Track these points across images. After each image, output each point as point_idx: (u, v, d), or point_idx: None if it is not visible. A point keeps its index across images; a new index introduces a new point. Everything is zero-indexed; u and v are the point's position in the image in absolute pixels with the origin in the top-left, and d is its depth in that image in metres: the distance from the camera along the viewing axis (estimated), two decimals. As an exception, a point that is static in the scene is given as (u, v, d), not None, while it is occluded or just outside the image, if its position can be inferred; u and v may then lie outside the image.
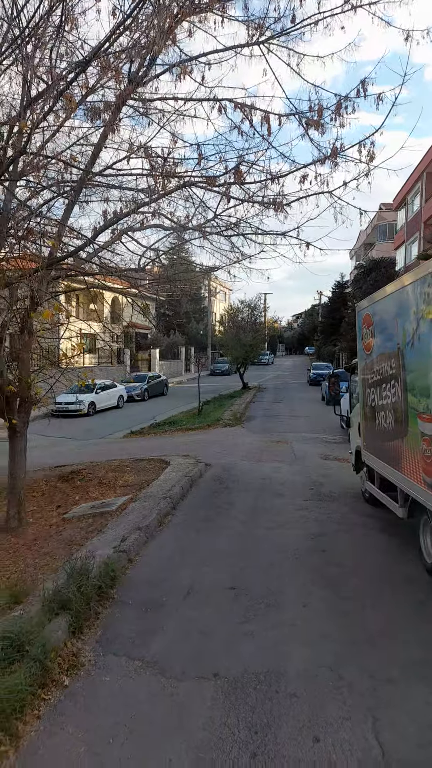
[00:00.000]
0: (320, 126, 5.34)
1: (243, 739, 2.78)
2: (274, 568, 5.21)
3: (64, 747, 2.77)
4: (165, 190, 5.51)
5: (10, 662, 3.11)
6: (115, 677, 3.38)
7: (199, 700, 3.14)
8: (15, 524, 7.27)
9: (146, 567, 5.23)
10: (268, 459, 11.09)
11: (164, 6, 4.49)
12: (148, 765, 2.64)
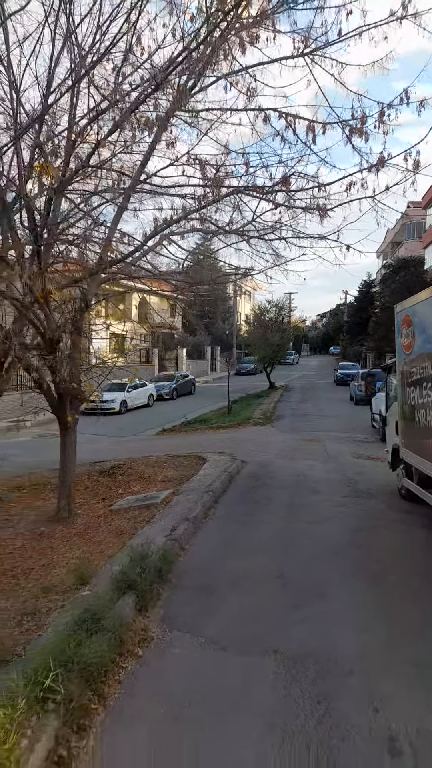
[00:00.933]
0: (363, 134, 5.55)
1: (307, 707, 3.04)
2: (317, 560, 5.44)
3: (146, 708, 3.07)
4: (215, 198, 5.79)
5: (91, 633, 3.43)
6: (183, 651, 3.68)
7: (262, 672, 3.41)
8: (65, 515, 7.66)
9: (196, 555, 5.53)
10: (302, 457, 11.29)
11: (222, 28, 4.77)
12: (225, 728, 2.91)
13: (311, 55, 5.97)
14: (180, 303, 8.66)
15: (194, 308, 9.28)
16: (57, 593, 4.74)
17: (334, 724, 2.89)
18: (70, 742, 2.73)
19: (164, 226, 6.20)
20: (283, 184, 5.50)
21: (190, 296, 8.71)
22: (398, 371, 7.46)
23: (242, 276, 8.48)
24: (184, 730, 2.90)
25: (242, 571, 5.12)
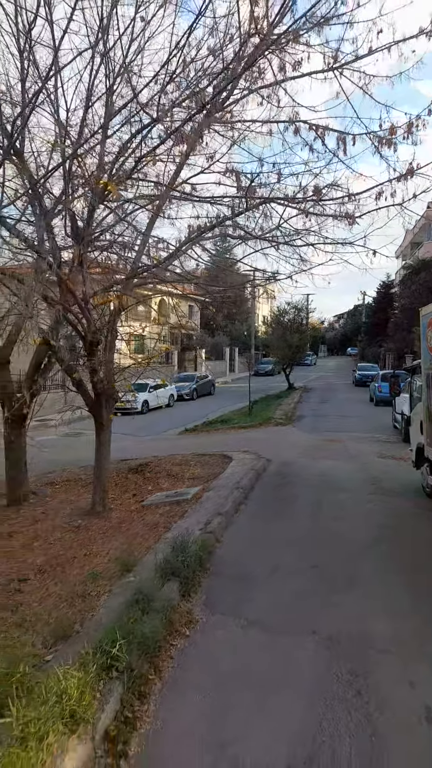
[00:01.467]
0: (392, 144, 5.78)
1: (346, 680, 3.30)
2: (348, 553, 5.68)
3: (198, 680, 3.36)
4: (249, 206, 6.07)
5: (144, 613, 3.73)
6: (227, 632, 3.96)
7: (303, 651, 3.67)
8: (100, 509, 8.00)
9: (231, 547, 5.81)
10: (325, 456, 11.50)
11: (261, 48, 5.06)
12: (271, 697, 3.19)
13: (340, 69, 6.22)
14: (209, 306, 8.92)
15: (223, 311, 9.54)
16: (103, 579, 5.06)
17: (371, 695, 3.15)
18: (134, 706, 3.04)
19: (199, 233, 6.50)
20: (314, 194, 5.76)
21: (218, 299, 8.99)
22: (423, 372, 7.65)
23: (271, 280, 8.71)
24: (235, 699, 3.18)
25: (276, 561, 5.39)
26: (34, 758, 2.32)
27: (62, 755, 2.45)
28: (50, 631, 3.93)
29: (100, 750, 2.69)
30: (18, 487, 9.29)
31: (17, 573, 6.06)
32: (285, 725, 2.93)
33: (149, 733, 2.89)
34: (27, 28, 5.56)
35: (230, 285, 8.67)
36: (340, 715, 2.98)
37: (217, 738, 2.83)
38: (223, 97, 6.39)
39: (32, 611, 4.63)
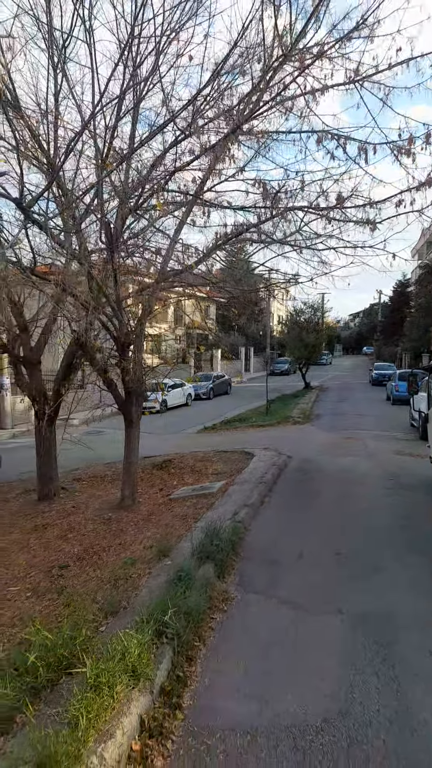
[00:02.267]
0: (411, 154, 6.08)
1: (373, 649, 3.64)
2: (369, 541, 6.00)
3: (238, 648, 3.73)
4: (274, 214, 6.41)
5: (186, 589, 4.10)
6: (260, 609, 4.32)
7: (331, 626, 4.02)
8: (129, 503, 8.41)
9: (259, 536, 6.16)
10: (344, 453, 11.78)
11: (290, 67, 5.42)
12: (305, 663, 3.54)
13: (361, 82, 6.53)
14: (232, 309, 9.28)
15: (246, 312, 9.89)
16: (141, 564, 5.45)
17: (396, 662, 3.49)
18: (183, 667, 3.42)
19: (225, 240, 6.86)
20: (338, 202, 6.08)
21: (241, 300, 9.34)
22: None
23: (291, 282, 9.04)
24: (272, 664, 3.54)
25: (302, 548, 5.73)
26: (106, 702, 2.70)
27: (128, 703, 2.83)
28: (99, 608, 4.33)
29: (158, 702, 3.07)
30: (49, 482, 9.76)
31: (57, 561, 6.50)
32: (319, 685, 3.28)
33: (199, 689, 3.26)
34: (62, 46, 6.02)
35: (254, 288, 9.00)
36: (368, 677, 3.32)
37: (259, 694, 3.19)
38: (250, 109, 6.76)
39: (77, 593, 5.02)
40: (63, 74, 6.42)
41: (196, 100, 5.55)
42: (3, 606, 5.18)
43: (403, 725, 2.89)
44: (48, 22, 6.01)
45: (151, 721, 2.91)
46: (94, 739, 2.50)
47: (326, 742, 2.79)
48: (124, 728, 2.68)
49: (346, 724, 2.91)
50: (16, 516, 8.96)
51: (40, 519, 8.59)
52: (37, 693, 2.99)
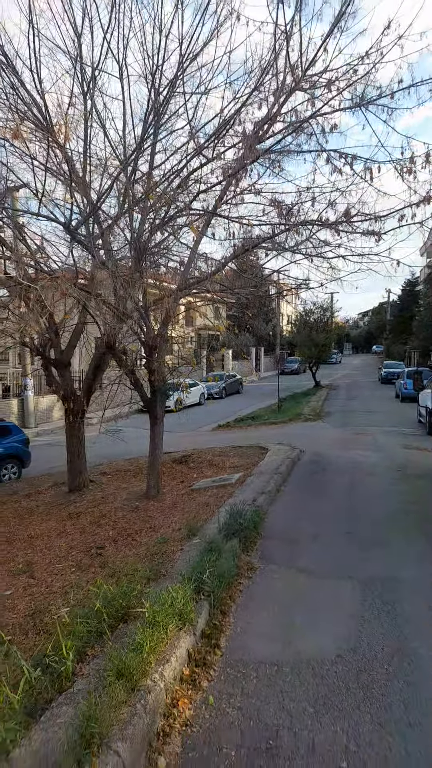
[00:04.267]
0: (412, 172, 6.69)
1: (379, 606, 4.28)
2: (377, 522, 6.63)
3: (263, 605, 4.39)
4: (287, 228, 7.06)
5: (217, 557, 4.77)
6: (281, 576, 4.98)
7: (343, 589, 4.66)
8: (154, 493, 9.09)
9: (276, 519, 6.81)
10: (354, 448, 12.38)
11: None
12: (321, 615, 4.19)
13: (366, 105, 7.16)
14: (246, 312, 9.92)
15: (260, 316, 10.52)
16: (173, 542, 6.13)
17: (398, 614, 4.13)
18: (218, 618, 4.09)
19: (243, 251, 7.51)
20: (345, 216, 6.71)
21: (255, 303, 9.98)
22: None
23: (302, 287, 9.67)
24: (293, 617, 4.19)
25: (316, 529, 6.37)
26: (162, 636, 3.38)
27: (178, 639, 3.51)
28: (141, 576, 5.00)
29: (200, 642, 3.74)
30: (78, 475, 10.48)
31: (94, 543, 7.21)
32: (333, 631, 3.93)
33: (232, 634, 3.93)
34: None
35: (267, 293, 9.64)
36: (374, 626, 3.97)
37: (282, 638, 3.85)
38: (263, 130, 7.42)
39: (118, 566, 5.71)
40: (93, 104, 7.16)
41: (219, 133, 6.22)
42: (54, 578, 5.91)
43: (402, 658, 3.54)
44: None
45: (196, 654, 3.58)
46: (155, 661, 3.18)
47: (340, 670, 3.44)
48: (177, 657, 3.35)
49: (356, 658, 3.56)
50: (50, 506, 9.70)
51: (73, 508, 9.31)
52: (100, 635, 3.67)
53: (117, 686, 2.84)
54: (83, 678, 3.12)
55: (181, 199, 6.69)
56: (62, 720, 2.69)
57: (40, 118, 6.40)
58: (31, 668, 3.07)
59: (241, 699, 3.18)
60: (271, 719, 2.99)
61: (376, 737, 2.81)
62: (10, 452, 12.48)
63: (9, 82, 6.80)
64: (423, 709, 3.02)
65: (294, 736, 2.84)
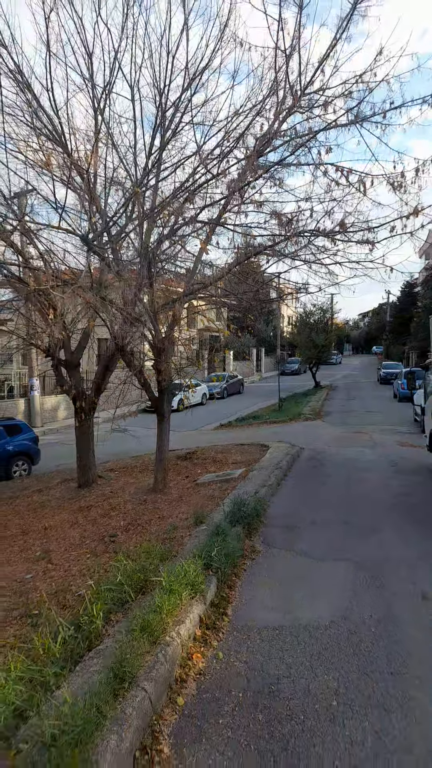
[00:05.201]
0: (402, 187, 7.19)
1: (368, 581, 4.77)
2: (371, 512, 7.12)
3: (265, 582, 4.88)
4: (287, 236, 7.56)
5: (224, 539, 5.26)
6: (281, 558, 5.47)
7: (337, 568, 5.16)
8: (161, 487, 9.58)
9: (277, 509, 7.30)
10: (352, 445, 12.88)
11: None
12: (319, 590, 4.68)
13: (360, 123, 7.65)
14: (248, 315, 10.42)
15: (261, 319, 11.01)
16: (182, 529, 6.63)
17: (386, 588, 4.62)
18: (225, 591, 4.58)
19: (245, 257, 8.01)
20: (341, 227, 7.21)
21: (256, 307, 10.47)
22: (434, 369, 9.01)
23: (302, 291, 10.15)
24: (292, 591, 4.69)
25: (314, 518, 6.86)
26: (177, 601, 3.87)
27: (190, 606, 4.00)
28: (155, 555, 5.49)
29: (209, 610, 4.23)
30: (88, 471, 10.98)
31: (106, 532, 7.70)
32: (327, 603, 4.42)
33: (238, 605, 4.42)
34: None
35: (268, 298, 10.14)
36: (364, 598, 4.46)
37: (283, 608, 4.34)
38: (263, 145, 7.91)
39: (132, 551, 6.19)
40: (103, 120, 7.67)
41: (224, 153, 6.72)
42: (71, 563, 6.41)
43: (388, 622, 4.03)
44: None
45: (206, 619, 4.07)
46: (172, 621, 3.67)
47: (332, 633, 3.93)
48: (190, 619, 3.84)
49: (346, 624, 4.05)
50: (61, 500, 10.21)
51: (84, 501, 9.81)
52: (123, 604, 4.17)
53: (141, 639, 3.34)
54: (109, 637, 3.61)
55: (187, 210, 7.18)
56: (96, 668, 3.19)
57: (56, 136, 6.91)
58: (66, 626, 3.56)
59: (246, 655, 3.67)
60: (273, 670, 3.48)
61: (362, 683, 3.30)
62: (20, 450, 12.98)
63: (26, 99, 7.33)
64: (403, 661, 3.51)
65: (292, 683, 3.33)
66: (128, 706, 2.81)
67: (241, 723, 2.97)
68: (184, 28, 7.61)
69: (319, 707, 3.08)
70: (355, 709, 3.05)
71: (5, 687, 2.74)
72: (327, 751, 2.72)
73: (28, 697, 2.73)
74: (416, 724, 2.90)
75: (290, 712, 3.04)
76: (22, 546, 7.84)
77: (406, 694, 3.17)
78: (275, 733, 2.87)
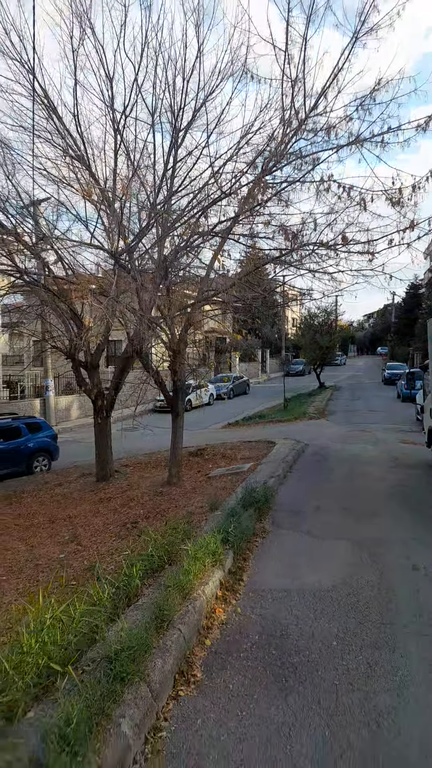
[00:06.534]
0: (400, 202, 7.86)
1: (366, 556, 5.45)
2: (371, 500, 7.79)
3: (275, 555, 5.56)
4: (292, 248, 8.25)
5: (238, 519, 5.94)
6: (288, 537, 6.16)
7: (339, 546, 5.83)
8: (175, 480, 10.27)
9: (284, 497, 7.98)
10: (355, 442, 13.54)
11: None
12: (321, 563, 5.36)
13: (361, 143, 8.33)
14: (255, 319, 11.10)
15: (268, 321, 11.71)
16: (199, 514, 7.31)
17: (382, 562, 5.29)
18: (240, 562, 5.27)
19: (254, 268, 8.71)
20: (343, 240, 7.89)
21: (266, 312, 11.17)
22: (431, 371, 9.67)
23: (306, 297, 10.83)
24: (298, 562, 5.37)
25: (318, 504, 7.54)
26: (201, 567, 4.56)
27: (212, 571, 4.69)
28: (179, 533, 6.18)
29: (227, 577, 4.92)
30: (105, 465, 11.70)
31: (127, 520, 8.39)
32: (330, 573, 5.09)
33: (251, 573, 5.11)
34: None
35: (275, 303, 10.82)
36: (362, 569, 5.13)
37: (290, 576, 5.02)
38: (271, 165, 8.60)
39: (159, 527, 6.87)
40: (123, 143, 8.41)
41: (236, 176, 7.44)
42: (98, 545, 7.12)
43: (382, 587, 4.71)
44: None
45: (225, 583, 4.76)
46: (198, 582, 4.36)
47: (334, 594, 4.61)
48: (213, 581, 4.54)
49: (346, 588, 4.73)
50: (82, 492, 10.92)
51: (103, 494, 10.52)
52: (154, 572, 4.86)
53: (174, 594, 4.03)
54: (145, 596, 4.31)
55: (201, 225, 7.89)
56: (139, 615, 3.88)
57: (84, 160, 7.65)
58: (109, 585, 4.27)
59: (260, 610, 4.36)
60: (283, 620, 4.16)
61: (358, 630, 3.98)
62: (41, 446, 13.71)
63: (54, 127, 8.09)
64: (393, 615, 4.18)
65: (299, 629, 4.01)
66: (168, 640, 3.51)
67: (258, 656, 3.66)
68: (198, 54, 8.35)
69: (322, 646, 3.76)
70: (352, 648, 3.72)
71: (76, 620, 3.44)
72: (328, 674, 3.40)
73: (93, 627, 3.43)
74: (401, 658, 3.58)
75: (298, 649, 3.72)
76: (50, 532, 8.54)
77: (394, 638, 3.84)
78: (286, 663, 3.55)
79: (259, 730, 2.91)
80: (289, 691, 3.26)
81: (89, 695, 2.69)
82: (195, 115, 8.69)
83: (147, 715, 2.89)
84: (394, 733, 2.81)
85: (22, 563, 6.98)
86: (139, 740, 2.74)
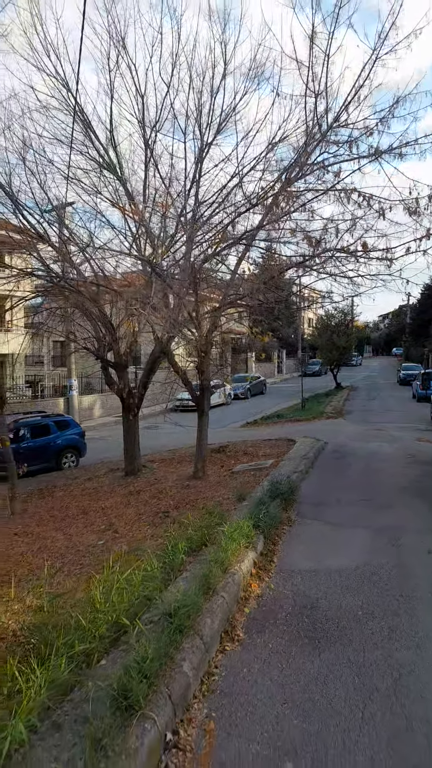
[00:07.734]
0: (417, 212, 8.29)
1: (385, 542, 5.92)
2: (388, 493, 8.23)
3: (301, 541, 6.06)
4: (315, 254, 8.73)
5: (267, 507, 6.45)
6: (312, 526, 6.64)
7: (359, 533, 6.31)
8: (201, 474, 10.80)
9: (307, 490, 8.46)
10: (372, 440, 13.95)
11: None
12: (343, 550, 5.83)
13: (380, 155, 8.78)
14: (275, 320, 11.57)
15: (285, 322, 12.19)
16: (226, 504, 7.83)
17: (400, 546, 5.76)
18: (270, 546, 5.77)
19: (279, 273, 9.20)
20: (363, 247, 8.35)
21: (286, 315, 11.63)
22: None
23: (322, 297, 11.28)
24: (323, 546, 5.86)
25: (339, 497, 8.01)
26: (237, 546, 5.07)
27: (246, 552, 5.20)
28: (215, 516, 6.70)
29: (259, 558, 5.43)
30: (133, 460, 12.27)
31: (158, 510, 8.92)
32: (352, 556, 5.58)
33: (281, 555, 5.61)
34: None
35: (297, 306, 11.30)
36: (382, 553, 5.61)
37: (316, 558, 5.52)
38: (295, 174, 9.09)
39: (195, 512, 7.38)
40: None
41: (265, 190, 7.95)
42: (134, 533, 7.65)
43: (401, 567, 5.18)
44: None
45: (258, 563, 5.28)
46: (235, 560, 4.88)
47: (357, 573, 5.09)
48: (248, 560, 5.05)
49: (368, 568, 5.21)
50: (111, 486, 11.50)
51: (132, 487, 11.09)
52: (194, 551, 5.39)
53: (216, 568, 4.55)
54: (188, 571, 4.84)
55: (229, 235, 8.42)
56: (186, 584, 4.40)
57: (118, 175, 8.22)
58: (157, 559, 4.81)
59: (291, 586, 4.86)
60: (312, 595, 4.66)
61: (380, 601, 4.46)
62: (69, 443, 14.36)
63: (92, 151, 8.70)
64: (411, 589, 4.66)
65: (328, 602, 4.51)
66: (214, 604, 4.03)
67: (293, 622, 4.16)
68: (223, 73, 8.89)
69: (349, 615, 4.25)
70: (375, 616, 4.21)
71: (137, 585, 3.99)
72: (355, 636, 3.90)
73: (150, 592, 3.98)
74: (419, 623, 4.06)
75: (327, 618, 4.22)
76: (85, 522, 9.12)
77: (413, 608, 4.32)
78: (318, 628, 4.05)
79: (297, 678, 3.41)
80: (321, 649, 3.76)
81: (156, 641, 3.22)
82: (220, 129, 9.23)
83: (201, 661, 3.42)
84: (413, 679, 3.30)
85: (63, 550, 7.54)
86: (197, 680, 3.27)
